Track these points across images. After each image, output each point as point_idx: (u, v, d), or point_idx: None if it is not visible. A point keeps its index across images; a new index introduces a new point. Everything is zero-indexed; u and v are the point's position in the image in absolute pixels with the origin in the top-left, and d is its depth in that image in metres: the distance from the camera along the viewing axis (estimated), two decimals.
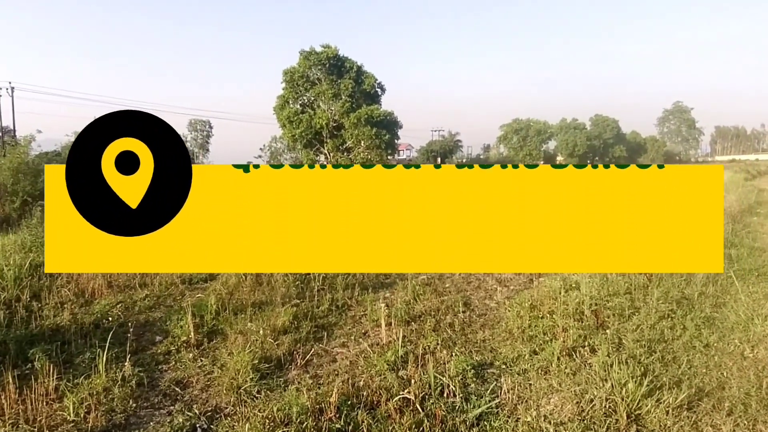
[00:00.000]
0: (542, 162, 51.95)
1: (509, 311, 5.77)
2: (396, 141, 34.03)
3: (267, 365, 4.43)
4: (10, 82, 34.38)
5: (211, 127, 68.54)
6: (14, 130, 33.66)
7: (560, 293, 5.76)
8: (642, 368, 3.94)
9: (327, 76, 30.99)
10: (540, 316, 5.37)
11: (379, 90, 33.61)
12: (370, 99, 32.37)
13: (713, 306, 5.73)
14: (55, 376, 3.87)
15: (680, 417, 3.32)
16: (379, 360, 4.40)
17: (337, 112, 30.82)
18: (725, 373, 4.08)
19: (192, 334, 4.92)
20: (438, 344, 4.81)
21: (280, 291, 6.54)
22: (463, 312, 5.95)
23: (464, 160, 53.34)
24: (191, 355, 4.68)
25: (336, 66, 31.21)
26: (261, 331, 4.95)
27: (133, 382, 4.06)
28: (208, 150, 68.19)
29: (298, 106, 32.18)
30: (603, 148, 58.76)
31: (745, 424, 3.32)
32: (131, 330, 4.94)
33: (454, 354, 4.55)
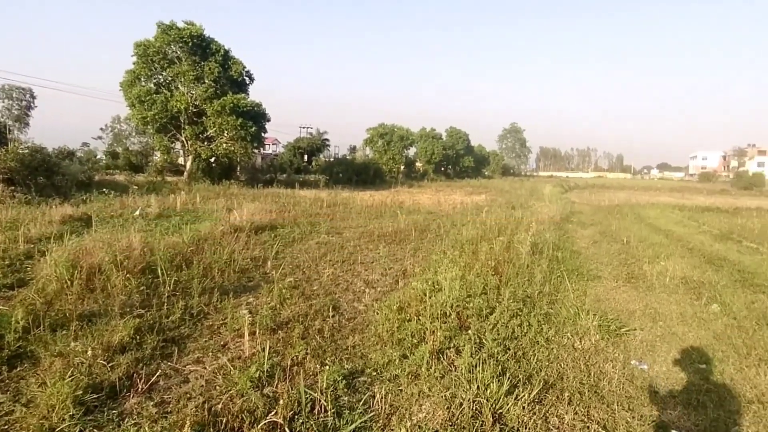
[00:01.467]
0: (403, 166, 54.63)
1: (378, 314, 5.79)
2: (263, 134, 32.41)
3: (96, 395, 3.61)
4: None
5: (33, 97, 57.88)
6: None
7: (426, 295, 5.95)
8: (501, 366, 4.23)
9: (189, 56, 27.95)
10: (408, 318, 5.49)
11: (247, 79, 31.58)
12: (237, 87, 30.19)
13: (549, 303, 6.49)
14: None
15: (534, 411, 3.62)
16: (241, 376, 3.97)
17: (198, 96, 27.97)
18: (563, 365, 4.61)
19: None
20: (307, 353, 4.60)
21: (119, 299, 5.64)
22: (333, 316, 5.82)
23: (331, 159, 53.43)
24: None
25: (200, 46, 28.34)
26: (89, 351, 4.12)
27: None
28: (27, 124, 57.50)
29: (152, 85, 28.45)
30: (455, 157, 64.18)
31: (582, 411, 3.77)
32: None
33: (324, 364, 4.36)
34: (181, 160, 30.59)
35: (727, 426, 3.65)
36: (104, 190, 18.53)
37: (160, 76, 29.02)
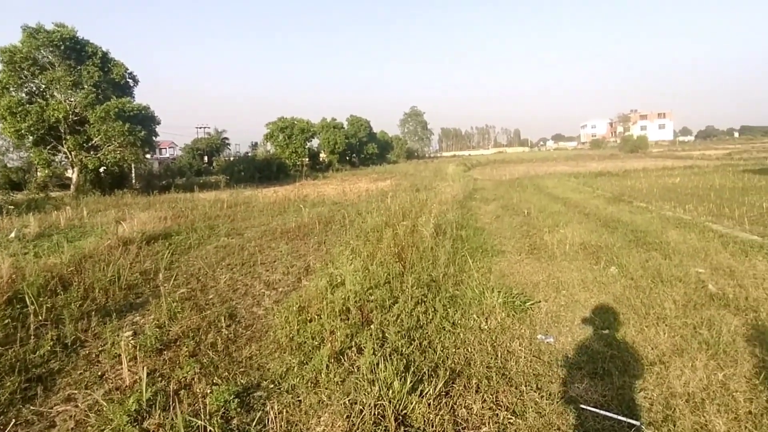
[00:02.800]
0: (307, 159, 53.45)
1: (277, 317, 5.37)
2: (154, 138, 29.91)
3: None
4: None
5: None
6: None
7: (327, 291, 5.64)
8: (405, 361, 4.01)
9: (62, 60, 24.96)
10: (308, 319, 5.12)
11: (131, 81, 29.01)
12: (121, 91, 27.56)
13: (455, 284, 6.41)
14: None
15: (440, 406, 3.42)
16: (117, 411, 3.39)
17: (78, 103, 25.07)
18: (470, 349, 4.49)
19: None
20: (197, 373, 4.07)
21: None
22: (229, 326, 5.29)
23: (232, 158, 50.88)
24: None
25: (74, 49, 25.44)
26: None
27: None
28: None
29: (24, 95, 25.14)
30: (359, 145, 64.08)
31: (490, 398, 3.60)
32: None
33: (214, 382, 3.89)
34: (70, 173, 27.32)
35: (633, 393, 3.66)
36: None
37: (32, 84, 25.72)
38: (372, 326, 4.74)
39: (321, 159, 59.17)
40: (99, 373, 4.24)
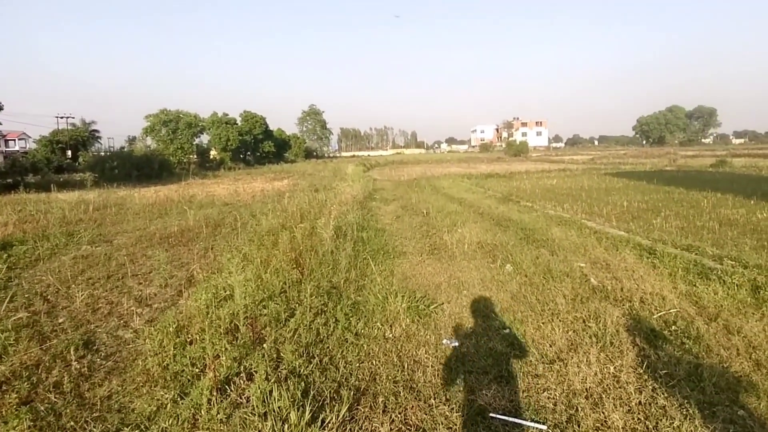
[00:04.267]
0: (195, 156, 49.73)
1: (149, 341, 4.46)
2: None
3: None
4: None
5: None
6: None
7: (212, 306, 4.84)
8: (303, 384, 3.46)
9: None
10: (188, 341, 4.33)
11: None
12: None
13: (357, 290, 5.99)
14: None
15: None
16: None
17: None
18: (375, 362, 4.08)
19: None
20: (28, 427, 3.10)
21: None
22: (81, 358, 4.27)
23: (103, 154, 45.28)
24: None
25: None
26: None
27: None
28: None
29: None
30: (254, 143, 61.22)
31: (398, 417, 3.26)
32: None
33: None
34: None
35: (538, 394, 3.55)
36: None
37: None
38: (265, 345, 4.11)
39: (211, 157, 55.41)
40: None
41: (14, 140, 50.30)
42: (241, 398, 3.34)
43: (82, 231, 11.11)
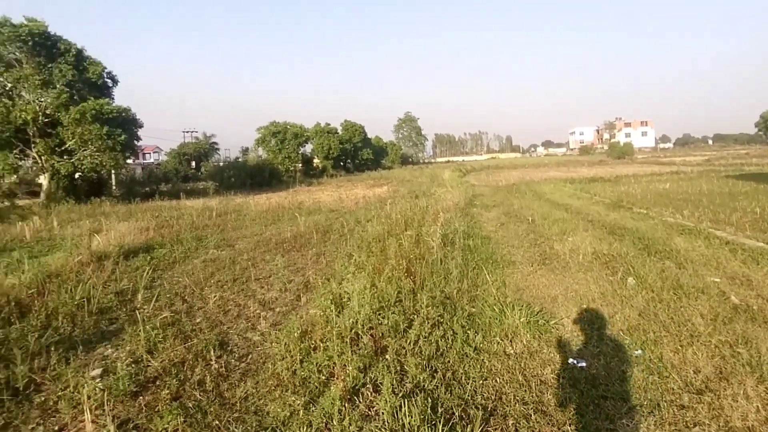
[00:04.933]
0: (301, 165, 52.72)
1: (276, 345, 4.70)
2: (136, 142, 28.84)
3: None
4: None
5: None
6: None
7: (332, 313, 4.98)
8: (430, 400, 3.39)
9: (31, 57, 23.61)
10: (312, 347, 4.49)
11: (110, 81, 27.67)
12: (98, 91, 26.25)
13: (470, 301, 5.84)
14: None
15: None
16: None
17: (50, 104, 23.77)
18: (499, 380, 3.91)
19: None
20: (181, 423, 3.38)
21: None
22: (219, 358, 4.61)
23: (221, 164, 49.88)
24: None
25: (44, 46, 24.00)
26: None
27: None
28: None
29: None
30: (354, 151, 63.56)
31: None
32: None
33: None
34: (42, 180, 25.87)
35: (689, 429, 3.15)
36: None
37: None
38: (387, 356, 4.12)
39: (315, 164, 58.53)
40: (56, 428, 3.53)
41: (150, 153, 57.43)
42: (370, 411, 3.37)
43: (209, 236, 12.22)
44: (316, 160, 59.64)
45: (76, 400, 3.74)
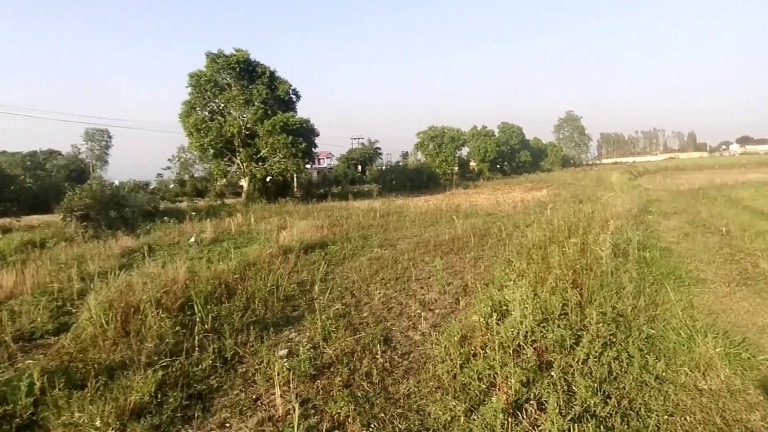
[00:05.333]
0: (457, 167, 53.08)
1: (436, 348, 4.85)
2: (314, 149, 32.56)
3: None
4: None
5: (110, 137, 62.33)
6: None
7: (492, 321, 4.94)
8: (603, 428, 3.15)
9: (237, 81, 28.84)
10: (472, 353, 4.52)
11: (294, 97, 32.03)
12: (285, 106, 30.65)
13: (648, 321, 5.23)
14: None
15: None
16: None
17: (249, 119, 28.77)
18: (689, 419, 3.43)
19: None
20: (352, 410, 3.72)
21: (152, 343, 5.08)
22: (383, 352, 4.95)
23: (384, 168, 53.01)
24: None
25: (247, 71, 29.16)
26: (99, 421, 3.51)
27: None
28: (106, 162, 61.92)
29: (207, 113, 29.64)
30: (510, 153, 61.71)
31: None
32: None
33: (369, 423, 3.50)
34: (243, 182, 31.22)
35: None
36: (165, 218, 18.81)
37: (213, 104, 29.92)
38: (552, 372, 3.92)
39: (471, 167, 58.51)
40: (254, 396, 4.17)
41: (323, 159, 63.74)
42: (534, 429, 3.26)
43: (373, 235, 13.10)
44: (472, 163, 59.42)
45: (268, 375, 4.37)
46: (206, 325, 5.62)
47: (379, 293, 7.17)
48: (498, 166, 60.95)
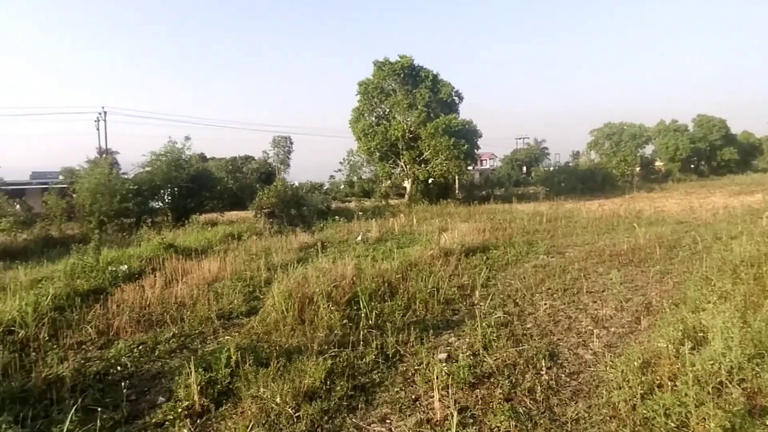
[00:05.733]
0: (639, 168, 47.11)
1: (611, 371, 4.31)
2: (476, 151, 32.32)
3: None
4: (102, 107, 37.41)
5: (291, 143, 71.13)
6: (107, 151, 36.36)
7: (684, 347, 4.19)
8: None
9: (402, 86, 30.31)
10: (656, 383, 3.88)
11: (456, 98, 32.13)
12: (447, 108, 30.96)
13: None
14: None
15: None
16: None
17: (413, 122, 29.94)
18: None
19: (196, 397, 4.02)
20: (513, 426, 3.50)
21: (322, 334, 5.54)
22: (548, 368, 4.58)
23: (551, 168, 49.78)
24: (186, 431, 3.69)
25: (411, 75, 30.40)
26: (279, 398, 3.94)
27: None
28: (289, 165, 70.78)
29: (373, 119, 31.79)
30: (709, 150, 52.00)
31: None
32: (136, 385, 4.20)
33: None
34: (405, 184, 32.73)
35: None
36: (336, 217, 20.60)
37: (379, 109, 31.93)
38: (767, 421, 3.13)
39: (656, 168, 51.36)
40: (413, 397, 4.20)
41: (486, 160, 62.78)
42: None
43: (539, 241, 12.35)
44: (658, 163, 52.05)
45: (427, 377, 4.38)
46: (370, 321, 5.91)
47: (545, 304, 6.68)
48: (692, 166, 52.20)
